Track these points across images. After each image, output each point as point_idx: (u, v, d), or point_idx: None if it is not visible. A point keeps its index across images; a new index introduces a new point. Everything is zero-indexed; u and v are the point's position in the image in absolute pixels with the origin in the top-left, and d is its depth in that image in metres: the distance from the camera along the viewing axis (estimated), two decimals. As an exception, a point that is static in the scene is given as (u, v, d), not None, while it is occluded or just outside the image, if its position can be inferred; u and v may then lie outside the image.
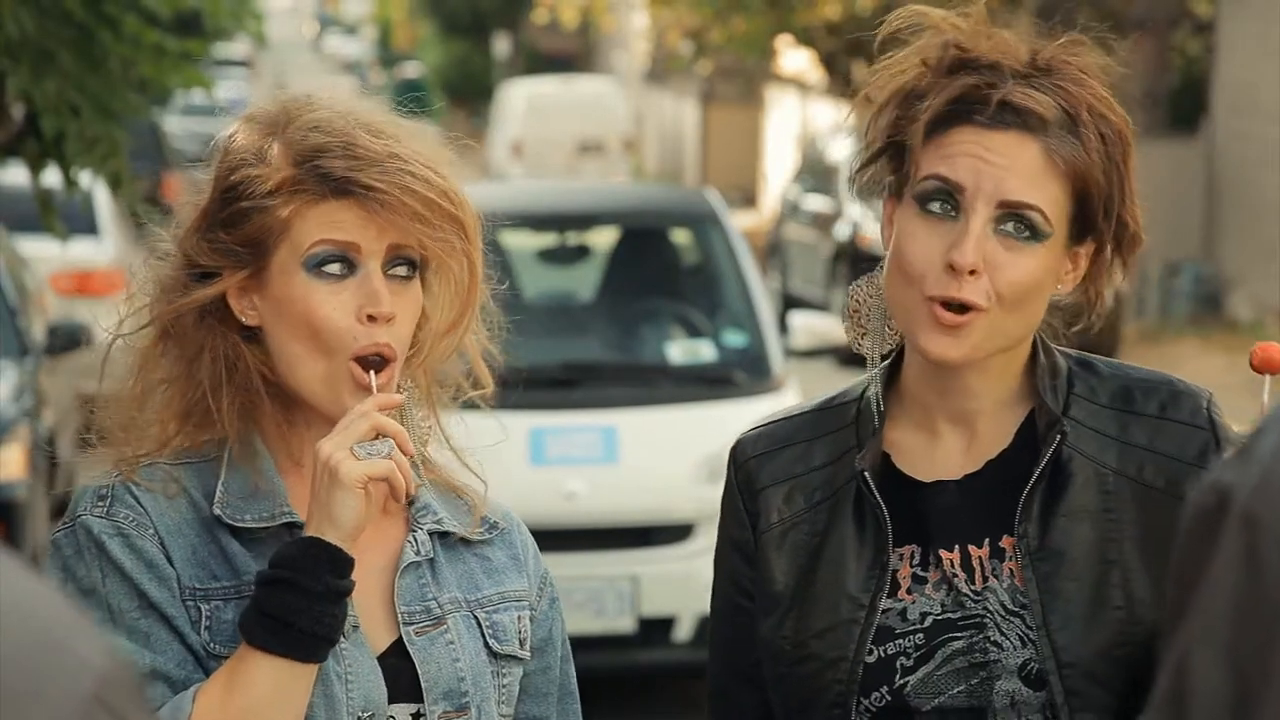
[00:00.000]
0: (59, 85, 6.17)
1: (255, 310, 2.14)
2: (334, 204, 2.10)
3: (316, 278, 2.10)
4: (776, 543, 2.23)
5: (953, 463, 2.20)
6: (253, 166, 2.12)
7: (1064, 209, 2.13)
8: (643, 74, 37.61)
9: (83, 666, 1.08)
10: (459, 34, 46.80)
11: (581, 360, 7.84)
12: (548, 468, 7.28)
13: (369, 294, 2.09)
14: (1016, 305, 2.12)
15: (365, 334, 2.09)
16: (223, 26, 20.76)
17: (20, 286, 10.04)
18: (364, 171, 2.08)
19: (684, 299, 8.24)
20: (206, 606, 2.09)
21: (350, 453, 2.03)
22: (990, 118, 2.11)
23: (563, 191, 10.24)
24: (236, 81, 44.50)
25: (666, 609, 7.23)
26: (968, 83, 2.12)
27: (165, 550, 2.09)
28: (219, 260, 2.13)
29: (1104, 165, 2.13)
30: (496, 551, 2.25)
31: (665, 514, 7.28)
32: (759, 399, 7.50)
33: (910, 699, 2.14)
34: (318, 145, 2.10)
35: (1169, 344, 17.14)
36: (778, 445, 2.26)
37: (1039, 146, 2.11)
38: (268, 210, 2.10)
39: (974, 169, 2.11)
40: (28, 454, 8.80)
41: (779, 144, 29.58)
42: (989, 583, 2.16)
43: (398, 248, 2.11)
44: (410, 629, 2.14)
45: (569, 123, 28.61)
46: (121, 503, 2.11)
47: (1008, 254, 2.11)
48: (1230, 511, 1.15)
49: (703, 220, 8.46)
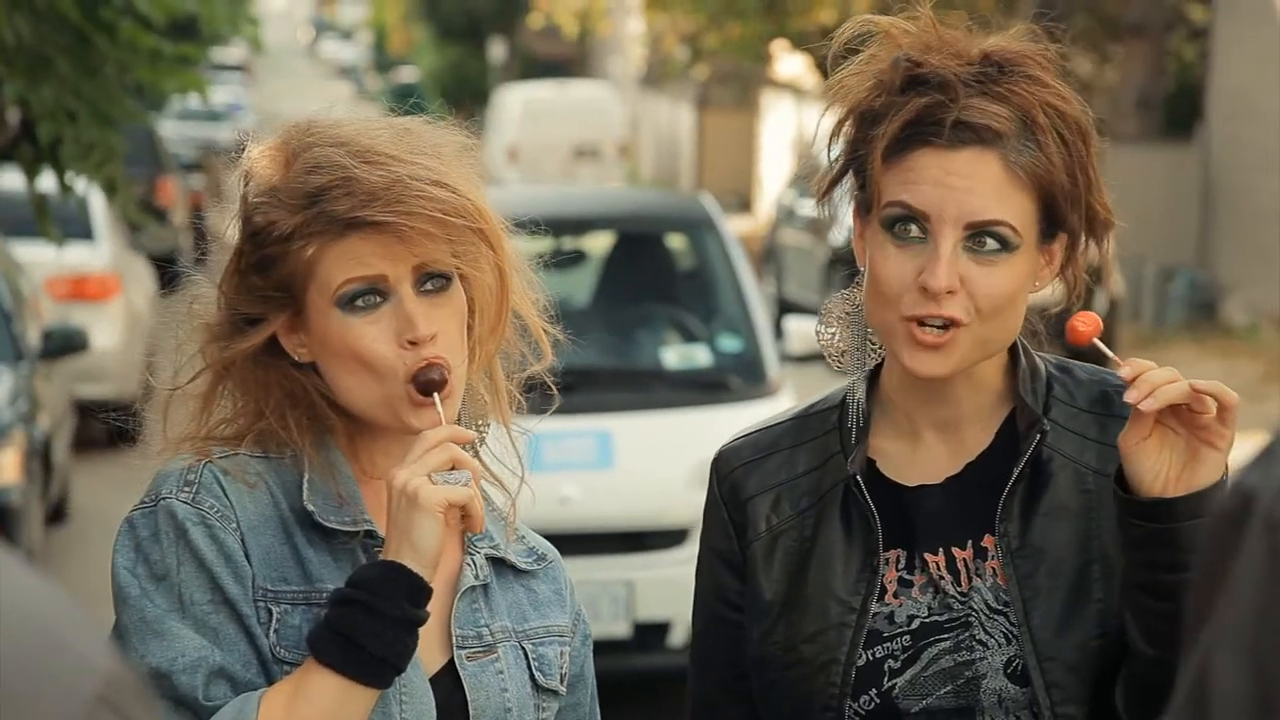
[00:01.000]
0: (55, 91, 6.16)
1: (305, 348, 2.14)
2: (353, 240, 2.09)
3: (351, 314, 2.10)
4: (765, 551, 2.23)
5: (935, 467, 2.21)
6: (269, 210, 2.11)
7: (1031, 215, 2.13)
8: (638, 79, 37.62)
9: (86, 667, 1.08)
10: (454, 39, 46.81)
11: (576, 365, 7.84)
12: (543, 473, 7.26)
13: (405, 321, 2.09)
14: (996, 315, 2.13)
15: (411, 357, 2.09)
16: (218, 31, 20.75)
17: (15, 291, 10.03)
18: (368, 208, 2.07)
19: (679, 304, 8.24)
20: (276, 609, 2.07)
21: (428, 479, 2.02)
22: (947, 138, 2.10)
23: (558, 196, 10.23)
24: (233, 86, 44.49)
25: (661, 614, 7.23)
26: (920, 103, 2.11)
27: (245, 546, 2.08)
28: (260, 306, 2.14)
29: (1065, 164, 2.13)
30: (542, 585, 2.25)
31: (660, 519, 7.28)
32: (754, 404, 7.50)
33: (899, 701, 2.15)
34: (318, 187, 2.09)
35: (1164, 349, 17.14)
36: (761, 454, 2.28)
37: (998, 160, 2.11)
38: (290, 254, 2.10)
39: (937, 194, 2.11)
40: (23, 459, 8.79)
41: (774, 149, 29.59)
42: (974, 582, 2.17)
43: (423, 267, 2.10)
44: (463, 653, 2.14)
45: (564, 128, 28.62)
46: (209, 491, 2.08)
47: (981, 269, 2.11)
48: (1253, 515, 1.15)
49: (698, 225, 8.46)
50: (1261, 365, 15.80)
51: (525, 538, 2.27)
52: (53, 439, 9.80)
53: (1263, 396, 14.50)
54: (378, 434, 2.15)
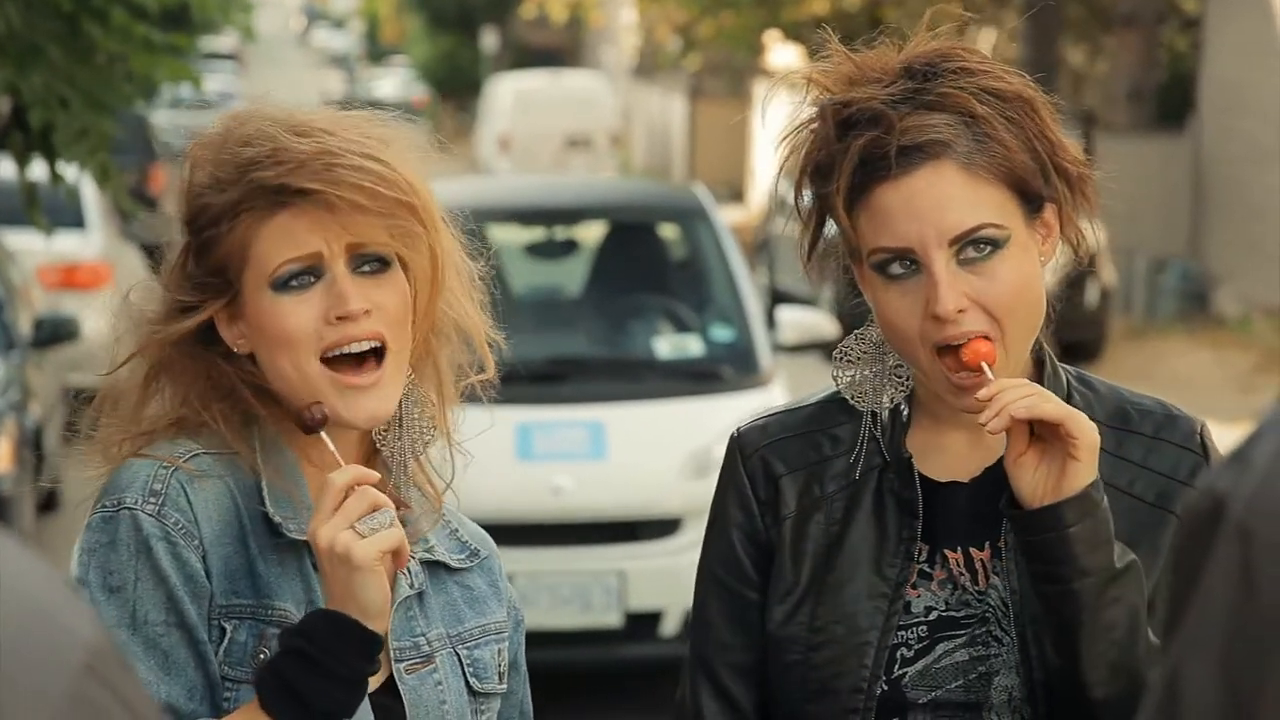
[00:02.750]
0: (46, 78, 6.15)
1: (245, 338, 2.09)
2: (283, 216, 2.05)
3: (284, 293, 2.05)
4: (795, 530, 2.23)
5: (961, 465, 2.22)
6: (204, 193, 2.09)
7: (1007, 203, 2.13)
8: (631, 69, 37.59)
9: (73, 638, 1.08)
10: (446, 28, 46.76)
11: (569, 355, 7.84)
12: (535, 463, 7.27)
13: (335, 296, 2.04)
14: (1015, 313, 2.13)
15: (333, 333, 2.04)
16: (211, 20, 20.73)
17: (7, 280, 10.03)
18: (293, 176, 2.03)
19: (672, 294, 8.24)
20: (229, 625, 2.03)
21: (355, 532, 1.96)
22: (896, 168, 2.10)
23: (550, 186, 10.22)
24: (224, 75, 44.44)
25: (653, 604, 7.23)
26: (860, 145, 2.10)
27: (206, 564, 2.03)
28: (196, 294, 2.09)
29: (1021, 142, 2.13)
30: (478, 579, 2.22)
31: (652, 509, 7.28)
32: (747, 394, 7.50)
33: (907, 690, 2.16)
34: (248, 159, 2.05)
35: (1155, 340, 17.15)
36: (787, 434, 2.27)
37: (955, 165, 2.10)
38: (224, 236, 2.07)
39: (910, 226, 2.10)
40: (14, 447, 8.79)
41: (766, 140, 29.56)
42: (991, 580, 2.18)
43: (357, 246, 2.05)
44: (401, 666, 2.10)
45: (557, 118, 28.61)
46: (174, 504, 2.03)
47: (983, 279, 2.11)
48: (1225, 521, 1.14)
49: (690, 215, 8.46)
50: (1253, 356, 15.81)
51: (457, 531, 2.22)
52: (44, 427, 9.79)
53: (1254, 388, 14.52)
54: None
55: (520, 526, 7.06)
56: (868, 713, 2.16)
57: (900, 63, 2.15)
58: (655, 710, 7.58)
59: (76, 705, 1.05)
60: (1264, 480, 1.14)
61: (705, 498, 2.37)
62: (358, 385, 2.04)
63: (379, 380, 2.06)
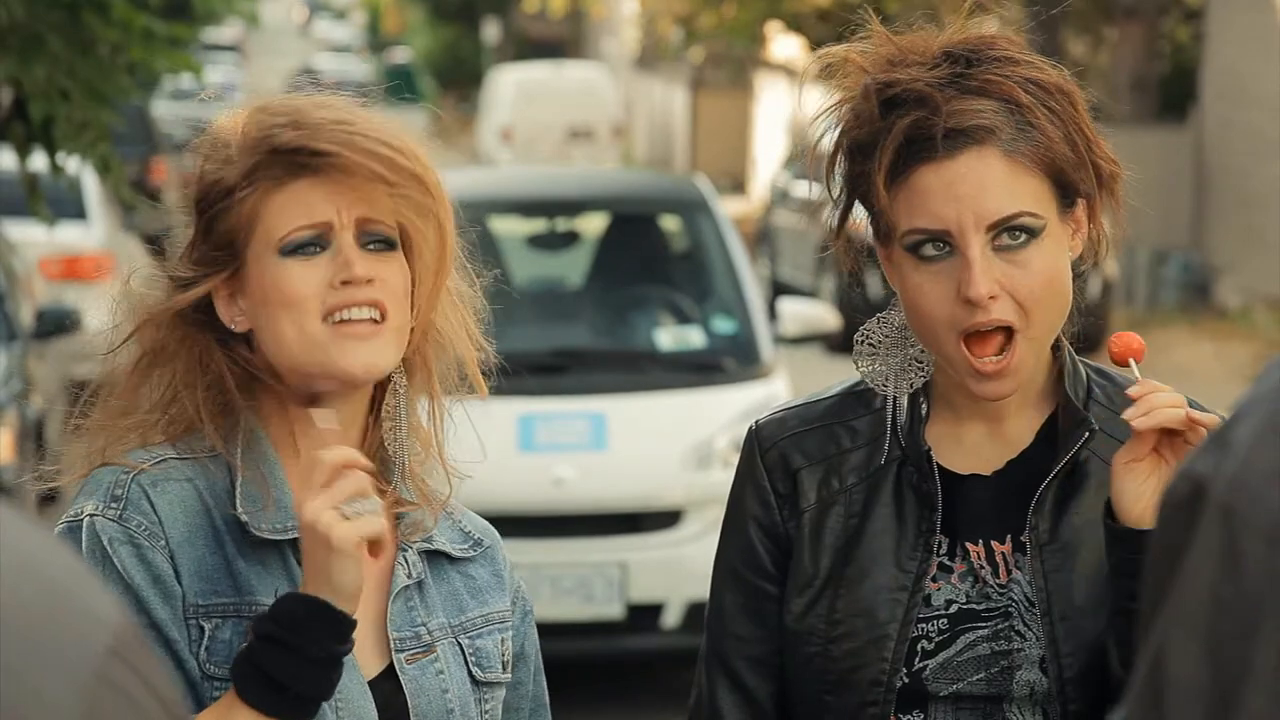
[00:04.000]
0: (47, 70, 6.15)
1: (244, 315, 2.10)
2: (296, 185, 2.07)
3: (291, 257, 2.07)
4: (815, 523, 2.22)
5: (982, 458, 2.22)
6: (217, 169, 2.11)
7: (1046, 194, 2.13)
8: (632, 60, 37.58)
9: (97, 621, 1.08)
10: (448, 19, 46.75)
11: (570, 346, 7.84)
12: (536, 454, 7.27)
13: (341, 263, 2.06)
14: (1043, 304, 2.13)
15: (335, 296, 2.06)
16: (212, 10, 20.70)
17: (9, 271, 10.03)
18: (313, 138, 2.06)
19: (673, 285, 8.24)
20: (209, 624, 2.04)
21: (339, 512, 1.96)
22: (942, 150, 2.10)
23: (552, 177, 10.22)
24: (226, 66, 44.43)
25: (655, 595, 7.23)
26: (905, 124, 2.10)
27: (175, 564, 2.04)
28: (197, 269, 2.11)
29: (1063, 134, 2.13)
30: (480, 569, 2.22)
31: (654, 500, 7.28)
32: (748, 385, 7.50)
33: (928, 683, 2.16)
34: (267, 126, 2.08)
35: (1158, 332, 17.15)
36: (808, 426, 2.26)
37: (998, 152, 2.10)
38: (233, 207, 2.08)
39: (950, 208, 2.10)
40: (15, 438, 8.79)
41: (769, 131, 29.58)
42: (1013, 574, 2.18)
43: (367, 221, 2.07)
44: (401, 656, 2.11)
45: (558, 109, 28.59)
46: (136, 507, 2.04)
47: (1016, 267, 2.11)
48: (1207, 502, 1.15)
49: (692, 207, 8.46)
50: (1254, 348, 15.81)
51: (460, 521, 2.23)
52: (45, 419, 9.80)
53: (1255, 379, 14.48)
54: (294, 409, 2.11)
55: (522, 518, 7.06)
56: (887, 705, 2.16)
57: (940, 47, 2.14)
58: (657, 701, 7.59)
59: (102, 687, 1.06)
60: (1245, 461, 1.14)
61: (706, 489, 2.38)
62: (357, 335, 2.06)
63: (379, 332, 2.07)
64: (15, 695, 1.03)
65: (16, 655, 1.04)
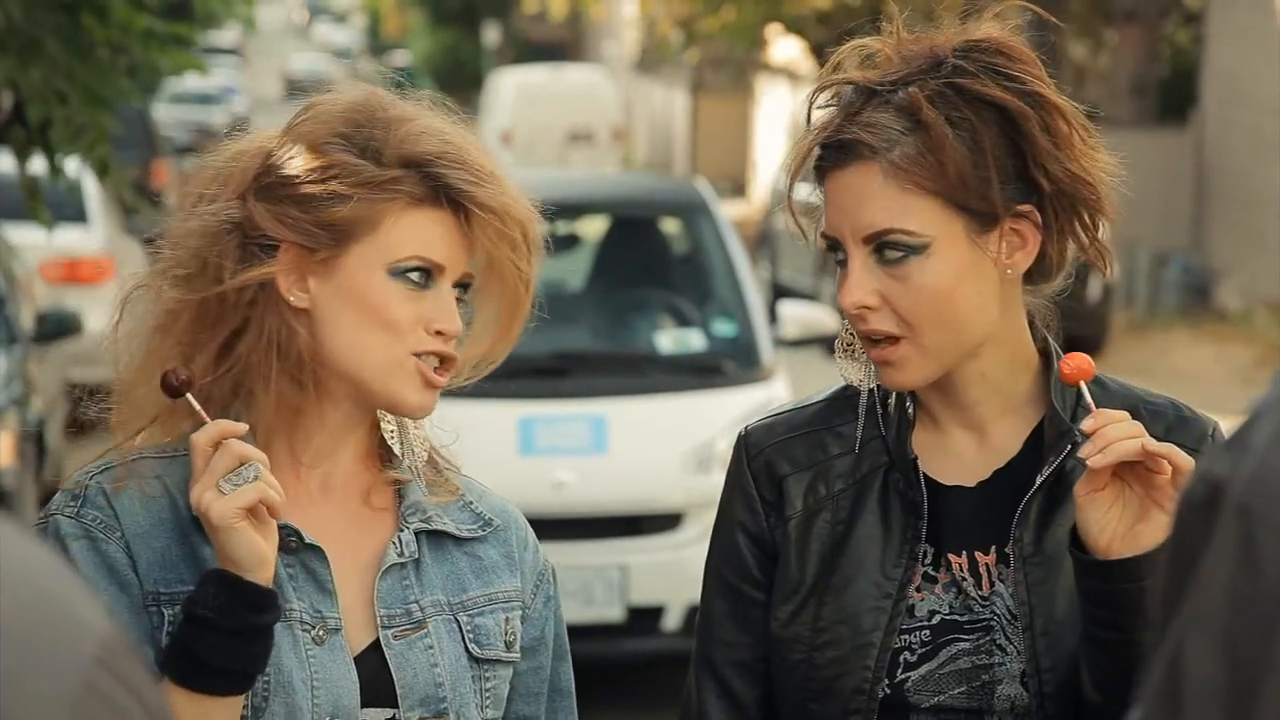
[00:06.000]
0: (45, 72, 6.15)
1: (307, 294, 2.10)
2: (430, 213, 2.09)
3: (400, 281, 2.09)
4: (800, 530, 2.23)
5: (966, 467, 2.21)
6: (347, 153, 2.09)
7: (935, 211, 2.12)
8: (632, 63, 37.59)
9: (84, 629, 1.08)
10: (448, 22, 46.77)
11: (571, 349, 7.84)
12: (537, 457, 7.27)
13: (444, 311, 2.10)
14: (936, 320, 2.13)
15: (430, 341, 2.10)
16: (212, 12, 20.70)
17: (9, 274, 10.03)
18: (480, 187, 2.09)
19: (673, 288, 8.24)
20: (170, 611, 2.05)
21: (217, 490, 1.99)
22: (835, 160, 2.14)
23: (552, 180, 10.22)
24: (227, 69, 44.45)
25: (655, 598, 7.23)
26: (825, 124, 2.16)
27: (130, 555, 2.07)
28: (286, 234, 2.08)
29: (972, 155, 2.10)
30: (489, 549, 2.22)
31: (654, 503, 7.28)
32: (748, 388, 7.50)
33: (910, 695, 2.16)
34: (432, 151, 2.09)
35: (1158, 334, 17.15)
36: (795, 433, 2.27)
37: (879, 170, 2.11)
38: (359, 202, 2.07)
39: (836, 217, 2.15)
40: (16, 442, 8.79)
41: (769, 134, 29.58)
42: (995, 587, 2.17)
43: (468, 275, 2.13)
44: (389, 632, 2.12)
45: (558, 112, 28.60)
46: (92, 504, 2.08)
47: (896, 281, 2.12)
48: (1224, 503, 1.14)
49: (692, 210, 8.46)
50: (1255, 350, 15.81)
51: (473, 504, 2.23)
52: (46, 422, 9.80)
53: (1256, 382, 14.51)
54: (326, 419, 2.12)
55: (522, 521, 7.06)
56: (870, 714, 2.15)
57: (931, 48, 2.15)
58: (657, 704, 7.59)
59: (89, 696, 1.06)
60: (1263, 461, 1.14)
61: (707, 492, 2.38)
62: (433, 384, 2.11)
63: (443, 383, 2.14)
64: (3, 703, 1.02)
65: (5, 664, 1.03)
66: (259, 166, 2.10)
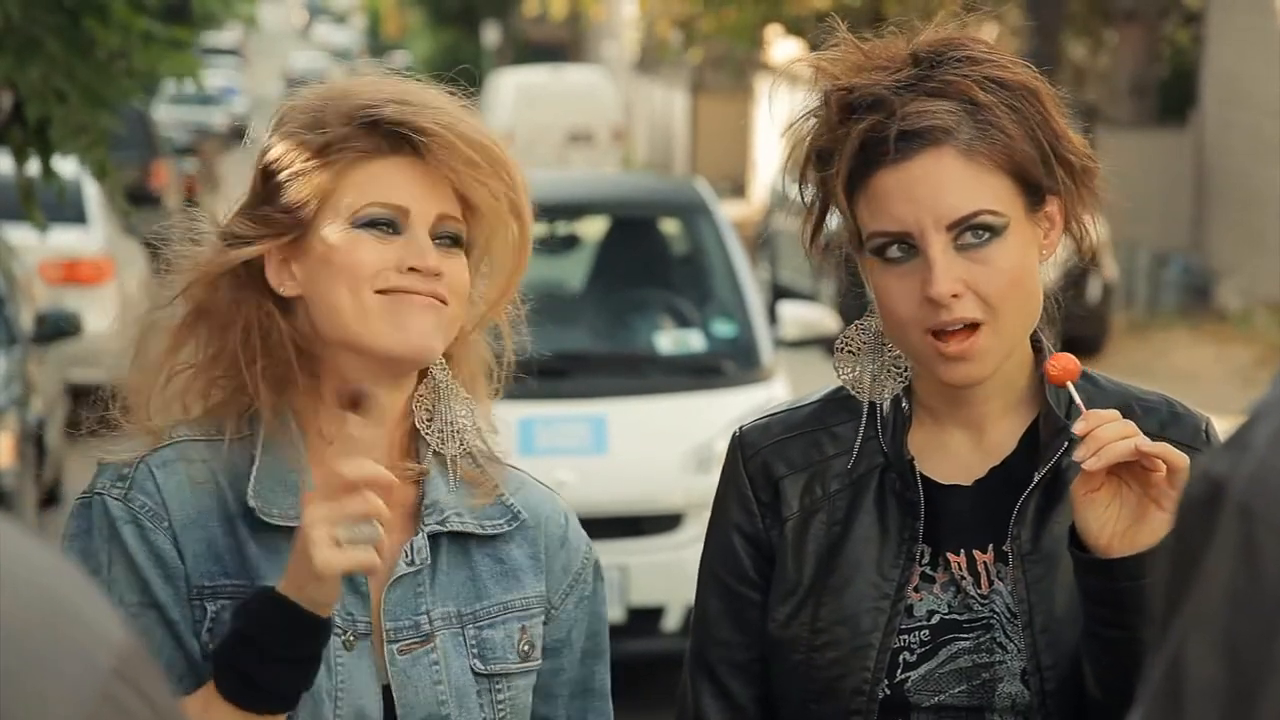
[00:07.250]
0: (44, 72, 6.14)
1: (294, 280, 2.09)
2: (382, 163, 2.07)
3: (363, 230, 2.07)
4: (797, 532, 2.22)
5: (962, 466, 2.21)
6: (298, 134, 2.09)
7: (1008, 190, 2.13)
8: (632, 63, 37.59)
9: (101, 640, 1.07)
10: (448, 23, 46.76)
11: (571, 350, 7.84)
12: (537, 457, 7.27)
13: (415, 250, 2.05)
14: (1009, 301, 2.12)
15: (403, 278, 2.05)
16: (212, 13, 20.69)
17: (8, 275, 10.02)
18: (419, 116, 2.06)
19: (673, 289, 8.24)
20: (213, 606, 2.04)
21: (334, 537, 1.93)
22: (896, 153, 2.11)
23: (552, 181, 10.22)
24: (226, 70, 44.45)
25: (655, 598, 7.23)
26: (861, 129, 2.11)
27: (178, 545, 2.04)
28: (257, 228, 2.09)
29: (1024, 131, 2.13)
30: (513, 549, 2.17)
31: (654, 504, 7.28)
32: (748, 389, 7.50)
33: (910, 694, 2.15)
34: (371, 98, 2.08)
35: (1158, 334, 17.15)
36: (791, 434, 2.26)
37: (953, 153, 2.10)
38: (311, 173, 2.07)
39: (908, 210, 2.11)
40: (16, 442, 8.79)
41: (769, 134, 29.55)
42: (994, 585, 2.17)
43: (445, 218, 2.08)
44: (394, 647, 2.08)
45: (558, 112, 28.60)
46: (141, 489, 2.05)
47: (979, 265, 2.11)
48: (1225, 503, 1.14)
49: (692, 210, 8.46)
50: (1255, 351, 15.81)
51: (506, 498, 2.18)
52: (46, 423, 9.79)
53: (1256, 382, 14.51)
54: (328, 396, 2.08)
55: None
56: (870, 714, 2.15)
57: (908, 51, 2.15)
58: (657, 705, 7.58)
59: (106, 707, 1.05)
60: (1263, 460, 1.14)
61: (707, 492, 2.37)
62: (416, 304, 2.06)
63: (438, 311, 2.07)
64: (20, 716, 1.02)
65: (21, 675, 1.03)
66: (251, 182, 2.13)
